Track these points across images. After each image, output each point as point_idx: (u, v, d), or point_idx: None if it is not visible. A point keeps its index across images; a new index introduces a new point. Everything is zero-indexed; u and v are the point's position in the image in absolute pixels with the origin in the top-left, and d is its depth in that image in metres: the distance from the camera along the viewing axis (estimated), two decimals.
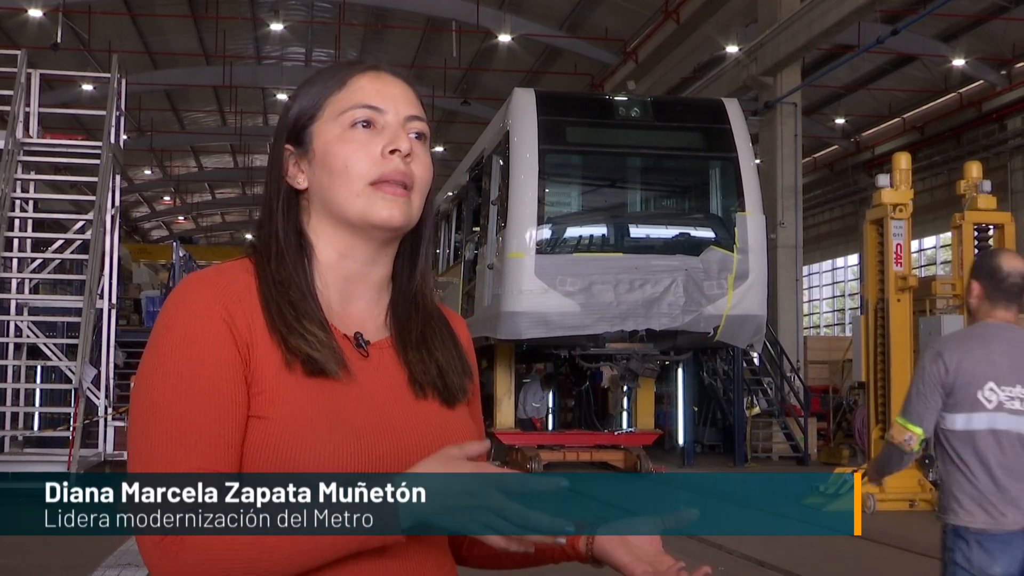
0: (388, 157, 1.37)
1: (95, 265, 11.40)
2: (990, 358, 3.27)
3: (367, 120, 1.39)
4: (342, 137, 1.38)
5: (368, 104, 1.39)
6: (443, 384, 1.42)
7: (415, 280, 1.47)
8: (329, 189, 1.38)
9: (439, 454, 1.26)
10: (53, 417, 12.84)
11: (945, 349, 3.34)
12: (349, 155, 1.37)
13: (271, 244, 1.40)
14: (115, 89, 12.40)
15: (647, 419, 14.97)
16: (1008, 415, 3.24)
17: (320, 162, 1.39)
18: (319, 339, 1.33)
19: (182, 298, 1.33)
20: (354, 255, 1.41)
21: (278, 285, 1.36)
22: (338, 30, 27.87)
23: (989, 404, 3.24)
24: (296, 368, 1.31)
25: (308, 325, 1.33)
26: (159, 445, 1.25)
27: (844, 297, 36.14)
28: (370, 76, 1.42)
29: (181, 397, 1.26)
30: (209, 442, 1.26)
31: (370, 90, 1.40)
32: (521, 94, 13.17)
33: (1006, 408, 3.24)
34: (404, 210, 1.38)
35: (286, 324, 1.32)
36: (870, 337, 11.06)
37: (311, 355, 1.31)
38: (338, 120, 1.39)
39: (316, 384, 1.32)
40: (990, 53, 24.78)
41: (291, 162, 1.42)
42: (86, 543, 7.85)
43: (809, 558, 7.84)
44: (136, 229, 51.10)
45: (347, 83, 1.41)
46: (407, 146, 1.38)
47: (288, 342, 1.31)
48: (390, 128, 1.39)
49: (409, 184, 1.38)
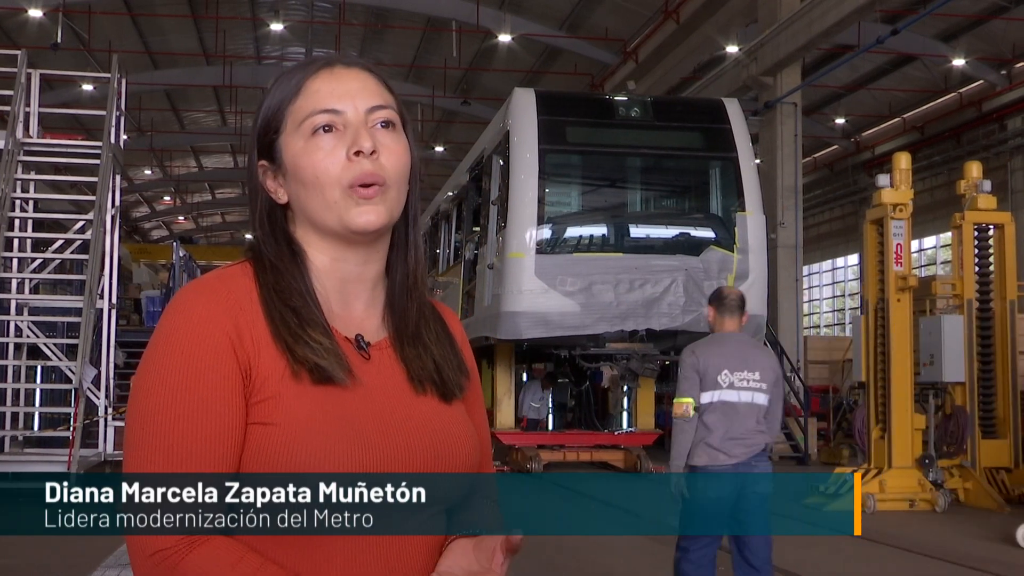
0: (354, 160, 1.35)
1: (95, 265, 11.40)
2: (723, 353, 4.98)
3: (327, 124, 1.36)
4: (306, 148, 1.36)
5: (324, 108, 1.37)
6: (440, 380, 1.42)
7: (408, 269, 1.46)
8: (306, 201, 1.37)
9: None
10: (53, 417, 12.83)
11: (697, 349, 5.09)
12: (316, 165, 1.35)
13: (267, 256, 1.39)
14: (115, 89, 12.40)
15: (647, 419, 14.97)
16: (734, 391, 4.91)
17: (292, 176, 1.38)
18: (324, 346, 1.32)
19: (184, 306, 1.32)
20: (346, 258, 1.40)
21: (279, 293, 1.35)
22: (338, 30, 27.86)
23: (723, 384, 4.92)
24: (303, 376, 1.31)
25: (312, 332, 1.33)
26: (153, 454, 1.25)
27: (844, 297, 36.13)
28: (323, 76, 1.40)
29: (178, 407, 1.26)
30: (204, 452, 1.25)
31: (324, 92, 1.38)
32: (521, 94, 13.17)
33: (736, 386, 4.91)
34: (381, 210, 1.36)
35: (291, 333, 1.32)
36: (870, 337, 11.05)
37: (318, 363, 1.31)
38: (299, 130, 1.37)
39: (321, 389, 1.32)
40: (990, 53, 24.77)
41: (269, 177, 1.41)
42: (86, 543, 7.85)
43: (809, 558, 7.84)
44: (136, 229, 51.10)
45: (301, 89, 1.39)
46: (369, 144, 1.35)
47: (295, 352, 1.31)
48: (351, 128, 1.37)
49: (382, 182, 1.36)
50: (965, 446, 11.07)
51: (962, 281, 11.48)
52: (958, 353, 11.18)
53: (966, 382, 11.24)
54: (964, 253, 11.50)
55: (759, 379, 4.93)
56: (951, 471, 10.96)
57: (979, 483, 10.83)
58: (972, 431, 11.09)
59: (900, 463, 10.59)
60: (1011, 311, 11.46)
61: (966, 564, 7.52)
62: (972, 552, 8.03)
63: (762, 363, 4.99)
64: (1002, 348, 11.41)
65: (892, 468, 10.60)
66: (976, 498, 10.78)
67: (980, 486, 10.81)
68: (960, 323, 11.32)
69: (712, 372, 4.90)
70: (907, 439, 10.62)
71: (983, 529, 9.10)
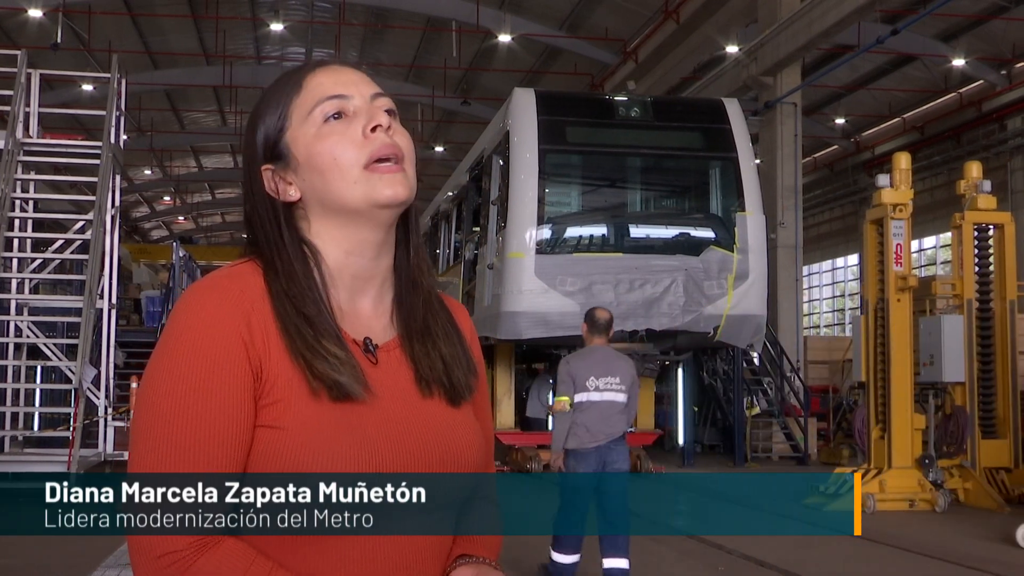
0: (371, 136, 1.36)
1: (95, 265, 11.40)
2: (591, 363, 6.34)
3: (337, 111, 1.38)
4: (319, 134, 1.37)
5: (332, 94, 1.38)
6: (449, 381, 1.42)
7: (412, 262, 1.47)
8: (325, 187, 1.37)
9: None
10: (53, 417, 12.83)
11: (571, 359, 6.49)
12: (333, 147, 1.36)
13: (277, 262, 1.38)
14: (115, 89, 12.40)
15: (647, 419, 14.96)
16: (599, 392, 6.25)
17: (307, 166, 1.38)
18: (341, 359, 1.32)
19: (196, 304, 1.31)
20: (362, 251, 1.40)
21: (292, 299, 1.34)
22: (338, 30, 27.87)
23: (591, 387, 6.25)
24: (321, 393, 1.30)
25: (327, 344, 1.32)
26: (160, 452, 1.25)
27: (844, 297, 36.13)
28: (322, 72, 1.42)
29: (186, 406, 1.25)
30: (211, 452, 1.25)
31: (328, 83, 1.40)
32: (521, 94, 13.17)
33: (600, 389, 6.26)
34: (404, 183, 1.37)
35: (308, 347, 1.31)
36: (870, 337, 11.05)
37: (338, 380, 1.30)
38: (308, 120, 1.38)
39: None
40: (990, 53, 24.77)
41: (276, 180, 1.41)
42: (86, 543, 7.85)
43: (809, 558, 7.84)
44: (136, 229, 51.10)
45: (303, 85, 1.40)
46: (386, 119, 1.38)
47: (313, 367, 1.30)
48: (362, 110, 1.38)
49: (399, 156, 1.38)
50: (965, 446, 11.07)
51: (962, 281, 11.47)
52: (958, 353, 11.18)
53: (966, 382, 11.23)
54: (964, 253, 11.49)
55: (619, 383, 6.31)
56: (951, 471, 10.96)
57: (979, 483, 10.83)
58: (972, 431, 11.09)
59: (900, 463, 10.59)
60: (1011, 311, 11.46)
61: (966, 564, 7.52)
62: (972, 552, 8.03)
63: (622, 370, 6.36)
64: (1002, 348, 11.41)
65: (892, 468, 10.60)
66: (976, 498, 10.78)
67: (980, 486, 10.81)
68: (960, 323, 11.31)
69: (582, 378, 6.27)
70: (907, 439, 10.62)
71: (983, 529, 9.10)
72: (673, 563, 7.53)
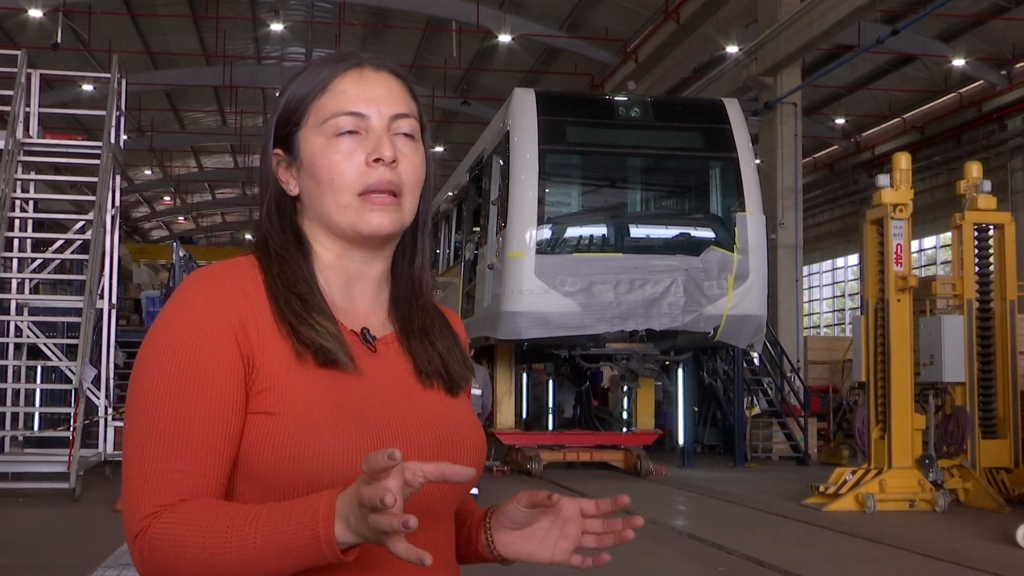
0: (373, 166, 1.36)
1: (95, 265, 11.40)
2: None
3: (350, 129, 1.37)
4: (326, 147, 1.37)
5: (350, 111, 1.37)
6: (447, 373, 1.43)
7: (414, 272, 1.48)
8: (318, 200, 1.38)
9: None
10: (53, 417, 12.84)
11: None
12: (334, 167, 1.36)
13: (271, 245, 1.39)
14: (115, 89, 12.40)
15: (647, 419, 14.97)
16: None
17: (307, 172, 1.38)
18: (329, 330, 1.33)
19: (188, 293, 1.32)
20: (352, 256, 1.41)
21: (284, 280, 1.35)
22: (338, 30, 27.88)
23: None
24: (307, 360, 1.31)
25: (317, 316, 1.33)
26: (152, 443, 1.25)
27: (844, 297, 36.14)
28: (352, 77, 1.40)
29: (177, 396, 1.26)
30: (202, 443, 1.25)
31: (352, 95, 1.38)
32: (521, 94, 13.17)
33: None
34: (394, 217, 1.37)
35: (296, 315, 1.32)
36: (870, 337, 11.05)
37: (323, 345, 1.31)
38: (321, 129, 1.38)
39: (326, 379, 1.32)
40: (990, 53, 24.78)
41: (282, 167, 1.41)
42: (86, 543, 7.86)
43: (809, 558, 7.84)
44: (136, 229, 51.12)
45: (329, 86, 1.39)
46: (390, 153, 1.36)
47: (299, 333, 1.31)
48: (374, 134, 1.37)
49: (397, 191, 1.37)
50: (965, 446, 11.06)
51: (962, 281, 11.47)
52: (958, 353, 11.18)
53: (966, 382, 11.23)
54: (964, 253, 11.49)
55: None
56: (951, 471, 10.96)
57: (979, 483, 10.83)
58: (972, 431, 11.08)
59: (900, 463, 10.59)
60: (1011, 311, 11.46)
61: (966, 564, 7.52)
62: (972, 552, 8.02)
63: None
64: (1002, 348, 11.41)
65: (892, 468, 10.59)
66: (976, 498, 10.78)
67: (980, 486, 10.81)
68: (960, 323, 11.31)
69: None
70: (907, 439, 10.62)
71: (983, 529, 9.09)
72: (673, 563, 7.53)
